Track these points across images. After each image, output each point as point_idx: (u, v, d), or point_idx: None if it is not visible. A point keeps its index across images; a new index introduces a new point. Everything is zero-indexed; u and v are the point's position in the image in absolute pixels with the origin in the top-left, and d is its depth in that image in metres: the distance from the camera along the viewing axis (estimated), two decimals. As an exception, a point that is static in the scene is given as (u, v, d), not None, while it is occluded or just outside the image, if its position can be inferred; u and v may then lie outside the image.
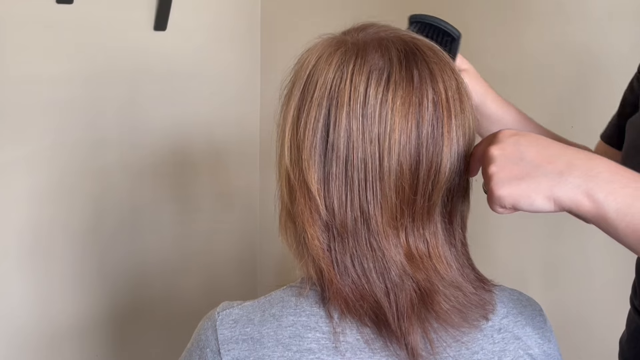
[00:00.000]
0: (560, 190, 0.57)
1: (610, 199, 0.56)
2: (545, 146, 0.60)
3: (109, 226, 1.64)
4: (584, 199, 0.56)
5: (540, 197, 0.57)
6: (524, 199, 0.58)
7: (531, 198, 0.58)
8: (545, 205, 0.58)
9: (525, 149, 0.59)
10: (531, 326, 0.70)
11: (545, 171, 0.58)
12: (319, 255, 0.63)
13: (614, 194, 0.56)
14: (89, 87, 1.57)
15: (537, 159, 0.58)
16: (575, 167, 0.57)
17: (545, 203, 0.57)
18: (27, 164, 1.49)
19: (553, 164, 0.58)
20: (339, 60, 0.63)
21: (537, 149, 0.59)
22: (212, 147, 1.86)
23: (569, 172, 0.57)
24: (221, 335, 0.64)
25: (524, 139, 0.60)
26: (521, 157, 0.59)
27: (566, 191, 0.57)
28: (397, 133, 0.61)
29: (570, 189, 0.57)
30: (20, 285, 1.50)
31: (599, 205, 0.56)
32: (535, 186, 0.58)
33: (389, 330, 0.63)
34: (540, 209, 0.58)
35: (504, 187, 0.58)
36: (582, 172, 0.57)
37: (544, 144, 0.60)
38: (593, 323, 1.26)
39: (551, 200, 0.57)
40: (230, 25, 1.88)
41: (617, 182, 0.56)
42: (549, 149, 0.59)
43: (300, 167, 0.63)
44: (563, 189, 0.57)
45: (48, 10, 1.48)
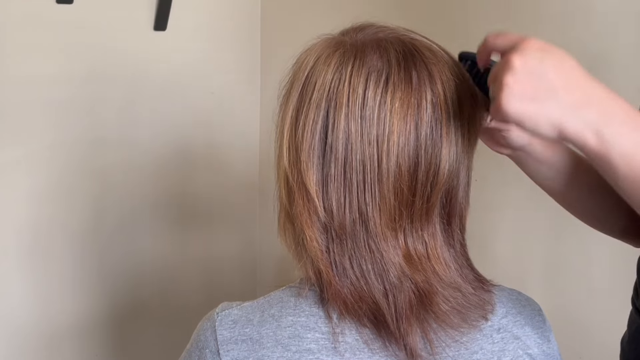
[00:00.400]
0: (568, 123, 0.55)
1: (618, 140, 0.55)
2: (569, 70, 0.57)
3: (109, 226, 1.64)
4: (591, 136, 0.55)
5: (546, 124, 0.56)
6: (529, 120, 0.56)
7: (537, 122, 0.56)
8: (548, 132, 0.56)
9: (548, 68, 0.56)
10: (530, 326, 0.70)
11: (560, 98, 0.56)
12: (318, 256, 0.63)
13: (623, 136, 0.55)
14: (88, 87, 1.57)
15: (556, 82, 0.56)
16: (591, 104, 0.55)
17: (549, 130, 0.56)
18: (26, 164, 1.49)
19: (571, 94, 0.56)
20: (338, 61, 0.63)
21: (560, 71, 0.57)
22: (211, 147, 1.85)
23: (583, 106, 0.55)
24: (220, 335, 0.64)
25: (550, 56, 0.57)
26: (541, 75, 0.56)
27: (575, 125, 0.55)
28: (395, 135, 0.61)
29: (579, 124, 0.55)
30: (19, 285, 1.50)
31: (605, 144, 0.55)
32: (546, 112, 0.56)
33: (388, 331, 0.63)
34: (542, 134, 0.57)
35: (514, 102, 0.56)
36: (597, 110, 0.55)
37: (568, 67, 0.57)
38: (593, 323, 1.26)
39: (556, 129, 0.56)
40: (230, 25, 1.88)
41: (629, 126, 0.55)
42: (572, 75, 0.57)
43: (298, 168, 0.63)
44: (572, 122, 0.55)
45: (48, 10, 1.48)
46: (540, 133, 0.57)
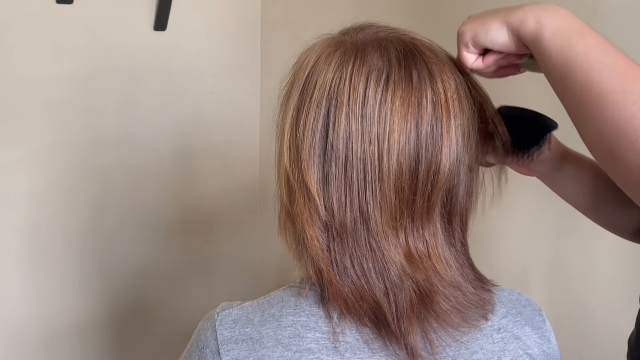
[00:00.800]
0: (513, 15, 0.61)
1: (554, 23, 0.59)
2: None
3: (109, 226, 1.65)
4: (530, 19, 0.60)
5: (495, 24, 0.62)
6: (481, 27, 0.63)
7: (487, 25, 0.62)
8: (500, 32, 0.62)
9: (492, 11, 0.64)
10: (530, 326, 0.70)
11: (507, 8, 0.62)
12: (319, 255, 0.63)
13: (560, 20, 0.59)
14: (88, 87, 1.57)
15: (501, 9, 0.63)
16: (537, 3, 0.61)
17: (499, 29, 0.62)
18: (26, 164, 1.49)
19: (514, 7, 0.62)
20: (338, 60, 0.63)
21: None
22: (211, 147, 1.86)
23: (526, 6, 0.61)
24: (220, 335, 0.64)
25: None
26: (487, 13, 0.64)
27: (519, 15, 0.61)
28: (396, 133, 0.61)
29: (523, 13, 0.61)
30: (19, 285, 1.50)
31: (540, 25, 0.59)
32: (492, 16, 0.62)
33: (388, 330, 0.63)
34: (496, 37, 0.62)
35: (466, 24, 0.64)
36: (542, 5, 0.60)
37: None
38: (594, 324, 1.26)
39: (504, 24, 0.61)
40: (230, 25, 1.88)
41: (568, 16, 0.60)
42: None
43: (299, 167, 0.63)
44: (517, 13, 0.61)
45: (48, 10, 1.48)
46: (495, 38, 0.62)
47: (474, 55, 0.66)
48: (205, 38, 1.81)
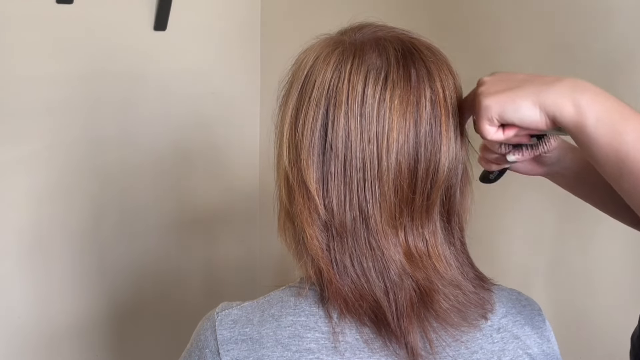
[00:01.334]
0: (546, 96, 0.58)
1: (594, 107, 0.57)
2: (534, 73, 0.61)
3: (109, 226, 1.65)
4: (567, 103, 0.57)
5: (526, 103, 0.58)
6: (509, 104, 0.59)
7: (516, 103, 0.59)
8: (531, 112, 0.58)
9: (515, 75, 0.61)
10: (530, 326, 0.71)
11: (534, 82, 0.59)
12: (318, 255, 0.63)
13: (598, 104, 0.57)
14: (88, 87, 1.57)
15: (527, 77, 0.60)
16: (565, 80, 0.59)
17: (531, 108, 0.58)
18: (26, 164, 1.49)
19: (542, 78, 0.59)
20: (337, 60, 0.63)
21: (526, 73, 0.61)
22: (211, 147, 1.86)
23: (558, 82, 0.58)
24: (220, 335, 0.64)
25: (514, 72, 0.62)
26: (510, 78, 0.61)
27: (552, 96, 0.58)
28: (395, 132, 0.61)
29: (556, 95, 0.58)
30: (19, 285, 1.50)
31: (581, 111, 0.57)
32: (522, 92, 0.59)
33: (388, 329, 0.63)
34: (526, 116, 0.59)
35: (490, 97, 0.60)
36: (571, 82, 0.58)
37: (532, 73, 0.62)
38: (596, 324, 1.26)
39: (536, 105, 0.58)
40: (230, 25, 1.88)
41: (603, 96, 0.57)
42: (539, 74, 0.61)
43: (298, 167, 0.63)
44: (550, 94, 0.58)
45: (48, 10, 1.48)
46: (524, 116, 0.59)
47: (495, 127, 0.63)
48: (205, 38, 1.81)
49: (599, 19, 1.22)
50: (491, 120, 0.60)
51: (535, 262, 1.35)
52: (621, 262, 1.20)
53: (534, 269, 1.35)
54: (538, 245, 1.34)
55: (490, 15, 1.39)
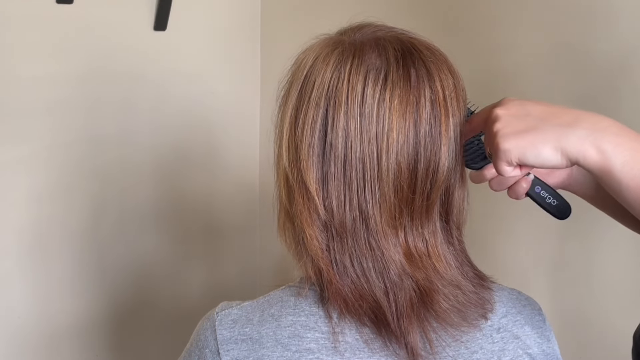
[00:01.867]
0: (567, 141, 0.56)
1: (618, 150, 0.55)
2: (549, 105, 0.59)
3: (108, 225, 1.65)
4: (591, 149, 0.55)
5: (547, 148, 0.56)
6: (530, 150, 0.57)
7: (537, 149, 0.57)
8: (552, 157, 0.57)
9: (531, 108, 0.59)
10: (530, 325, 0.70)
11: (553, 124, 0.57)
12: (318, 255, 0.63)
13: (622, 146, 0.55)
14: (88, 87, 1.57)
15: (543, 114, 0.58)
16: (583, 120, 0.56)
17: (552, 154, 0.57)
18: (26, 164, 1.49)
19: (560, 118, 0.57)
20: (337, 60, 0.63)
21: (542, 107, 0.59)
22: (211, 147, 1.85)
23: (576, 124, 0.56)
24: (220, 335, 0.64)
25: (529, 101, 0.60)
26: (527, 114, 0.58)
27: (574, 142, 0.56)
28: (395, 132, 0.61)
29: (577, 140, 0.56)
30: (19, 285, 1.50)
31: (606, 156, 0.55)
32: (542, 137, 0.57)
33: (388, 329, 0.63)
34: (547, 160, 0.57)
35: (510, 139, 0.58)
36: (590, 124, 0.56)
37: (547, 104, 0.60)
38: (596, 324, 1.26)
39: (558, 150, 0.56)
40: (230, 25, 1.88)
41: (625, 137, 0.56)
42: (554, 107, 0.59)
43: (298, 167, 0.63)
44: (570, 139, 0.56)
45: (48, 10, 1.48)
46: (545, 161, 0.57)
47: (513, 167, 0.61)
48: (205, 38, 1.81)
49: (599, 19, 1.22)
50: (510, 162, 0.59)
51: (536, 262, 1.35)
52: (622, 262, 1.20)
53: (534, 269, 1.35)
54: (539, 245, 1.34)
55: (491, 15, 1.39)
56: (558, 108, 0.59)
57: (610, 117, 1.11)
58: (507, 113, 0.59)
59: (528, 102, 0.60)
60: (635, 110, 1.18)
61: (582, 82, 1.26)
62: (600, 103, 1.23)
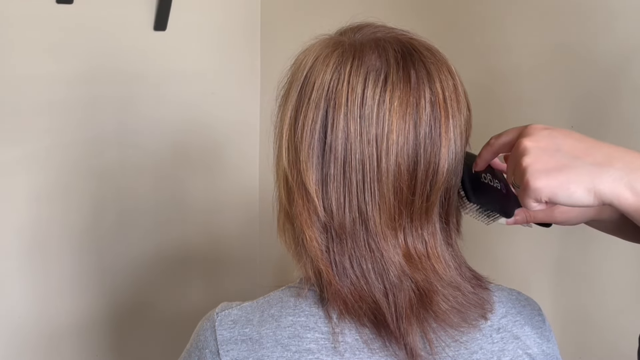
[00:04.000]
0: (601, 182, 0.54)
1: None
2: (580, 139, 0.57)
3: (108, 225, 1.65)
4: (625, 191, 0.54)
5: (580, 189, 0.55)
6: (562, 190, 0.55)
7: (570, 190, 0.55)
8: (585, 198, 0.55)
9: (561, 141, 0.57)
10: (530, 326, 0.71)
11: (584, 162, 0.55)
12: (318, 256, 0.63)
13: None
14: (88, 87, 1.57)
15: (574, 151, 0.56)
16: (616, 160, 0.55)
17: (585, 195, 0.55)
18: (26, 164, 1.49)
19: (592, 156, 0.55)
20: (336, 61, 0.63)
21: (573, 141, 0.57)
22: (211, 147, 1.85)
23: (609, 164, 0.55)
24: (220, 335, 0.64)
25: (558, 132, 0.58)
26: (557, 149, 0.56)
27: (607, 183, 0.54)
28: (394, 134, 0.61)
29: (611, 181, 0.54)
30: (19, 285, 1.50)
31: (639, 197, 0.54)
32: (575, 177, 0.55)
33: (387, 330, 0.63)
34: (579, 201, 0.55)
35: (541, 178, 0.56)
36: (623, 164, 0.55)
37: (577, 136, 0.58)
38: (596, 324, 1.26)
39: (592, 192, 0.55)
40: (230, 25, 1.88)
41: None
42: (585, 141, 0.57)
43: (298, 168, 0.63)
44: (604, 180, 0.54)
45: (48, 10, 1.48)
46: (577, 202, 0.55)
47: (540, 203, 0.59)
48: (205, 38, 1.81)
49: (600, 19, 1.22)
50: (540, 201, 0.57)
51: (536, 262, 1.35)
52: (623, 263, 1.20)
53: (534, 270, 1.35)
54: (539, 246, 1.34)
55: (490, 15, 1.39)
56: (589, 142, 0.57)
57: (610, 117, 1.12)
58: (537, 146, 0.57)
59: (557, 133, 0.58)
60: (636, 110, 1.18)
61: (582, 82, 1.26)
62: (600, 103, 1.23)
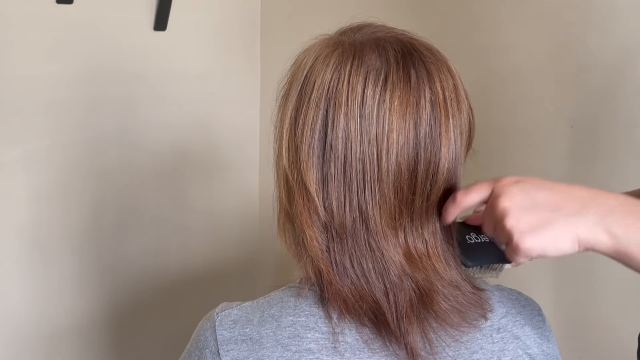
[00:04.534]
0: (582, 231, 0.57)
1: (629, 232, 0.56)
2: (551, 187, 0.59)
3: (108, 226, 1.65)
4: (603, 236, 0.56)
5: (566, 241, 0.57)
6: (550, 246, 0.58)
7: (558, 244, 0.57)
8: (571, 248, 0.57)
9: (535, 194, 0.59)
10: (530, 326, 0.71)
11: (563, 214, 0.57)
12: (318, 256, 0.63)
13: (632, 227, 0.56)
14: (88, 87, 1.57)
15: (550, 203, 0.58)
16: (589, 205, 0.57)
17: (570, 245, 0.57)
18: (26, 164, 1.49)
19: (568, 206, 0.58)
20: (337, 61, 0.63)
21: (546, 192, 0.59)
22: (211, 147, 1.86)
23: (585, 211, 0.57)
24: (220, 336, 0.64)
25: (529, 184, 0.60)
26: (534, 204, 0.58)
27: (587, 230, 0.57)
28: (395, 133, 0.61)
29: (590, 227, 0.57)
30: (19, 285, 1.50)
31: (619, 240, 0.56)
32: (559, 231, 0.57)
33: (388, 330, 0.63)
34: (566, 252, 0.58)
35: (529, 238, 0.58)
36: (597, 209, 0.57)
37: (548, 185, 0.60)
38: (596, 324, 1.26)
39: (576, 241, 0.57)
40: (230, 25, 1.88)
41: (632, 216, 0.57)
42: (557, 190, 0.59)
43: (298, 168, 0.63)
44: (582, 228, 0.57)
45: (48, 10, 1.48)
46: (565, 253, 0.58)
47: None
48: (205, 38, 1.81)
49: (600, 19, 1.22)
50: (531, 258, 0.59)
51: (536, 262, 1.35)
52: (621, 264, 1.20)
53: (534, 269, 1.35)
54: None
55: (490, 16, 1.39)
56: (561, 191, 0.59)
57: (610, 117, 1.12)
58: (514, 205, 0.59)
59: (529, 186, 0.59)
60: (636, 110, 1.18)
61: (582, 82, 1.26)
62: (600, 103, 1.23)
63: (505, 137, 1.37)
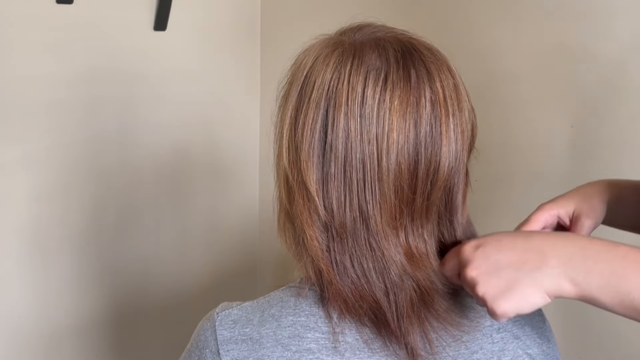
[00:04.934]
0: (547, 285, 0.59)
1: (590, 277, 0.57)
2: (510, 246, 0.61)
3: (108, 226, 1.65)
4: (567, 285, 0.58)
5: (536, 298, 0.59)
6: (523, 305, 0.59)
7: (529, 301, 0.59)
8: (542, 302, 0.60)
9: (496, 257, 0.61)
10: (530, 326, 0.71)
11: (526, 272, 0.59)
12: (318, 255, 0.63)
13: (592, 273, 0.57)
14: (88, 87, 1.57)
15: (512, 262, 0.60)
16: (549, 257, 0.59)
17: (541, 300, 0.59)
18: (26, 164, 1.49)
19: (529, 262, 0.59)
20: (337, 60, 0.63)
21: (506, 252, 0.61)
22: (211, 147, 1.86)
23: (545, 263, 0.59)
24: (220, 335, 0.64)
25: (488, 246, 0.62)
26: (497, 267, 0.60)
27: (552, 283, 0.58)
28: (395, 133, 0.61)
29: (553, 280, 0.58)
30: (19, 285, 1.50)
31: (582, 287, 0.58)
32: (527, 290, 0.59)
33: (388, 330, 0.63)
34: (539, 306, 0.60)
35: (502, 303, 0.60)
36: (557, 259, 0.59)
37: (507, 244, 0.61)
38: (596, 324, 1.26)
39: (544, 295, 0.59)
40: (230, 25, 1.88)
41: (590, 260, 0.58)
42: (516, 247, 0.61)
43: (298, 167, 0.63)
44: (548, 282, 0.59)
45: (48, 10, 1.48)
46: (538, 307, 0.60)
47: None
48: (205, 38, 1.81)
49: (599, 19, 1.22)
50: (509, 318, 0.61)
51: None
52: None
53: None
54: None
55: (490, 16, 1.39)
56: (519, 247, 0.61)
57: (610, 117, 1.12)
58: (480, 273, 0.61)
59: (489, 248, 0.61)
60: (636, 110, 1.18)
61: (582, 82, 1.26)
62: (600, 103, 1.23)
63: (505, 137, 1.37)
